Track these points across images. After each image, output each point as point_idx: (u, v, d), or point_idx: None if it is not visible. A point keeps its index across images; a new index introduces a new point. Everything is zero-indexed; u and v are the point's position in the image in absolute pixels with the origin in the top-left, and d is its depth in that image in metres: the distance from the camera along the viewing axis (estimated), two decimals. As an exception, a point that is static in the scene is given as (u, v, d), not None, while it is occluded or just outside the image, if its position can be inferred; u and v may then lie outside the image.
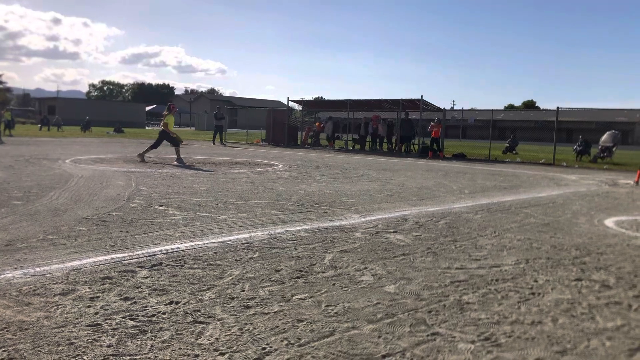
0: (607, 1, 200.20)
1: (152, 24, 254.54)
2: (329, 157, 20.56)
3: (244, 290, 3.73)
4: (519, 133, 40.70)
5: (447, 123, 30.74)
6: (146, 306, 3.36)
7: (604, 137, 24.76)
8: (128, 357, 2.65)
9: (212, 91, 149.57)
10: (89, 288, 3.64)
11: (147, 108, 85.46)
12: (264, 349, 2.80)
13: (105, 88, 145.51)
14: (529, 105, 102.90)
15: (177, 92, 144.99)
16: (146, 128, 66.90)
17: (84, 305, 3.32)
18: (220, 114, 29.12)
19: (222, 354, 2.72)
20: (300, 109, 38.30)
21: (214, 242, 5.14)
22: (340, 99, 31.48)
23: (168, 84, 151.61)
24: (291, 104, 34.85)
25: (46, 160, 13.84)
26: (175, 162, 14.37)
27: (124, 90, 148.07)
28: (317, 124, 32.25)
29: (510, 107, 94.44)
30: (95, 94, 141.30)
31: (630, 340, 3.11)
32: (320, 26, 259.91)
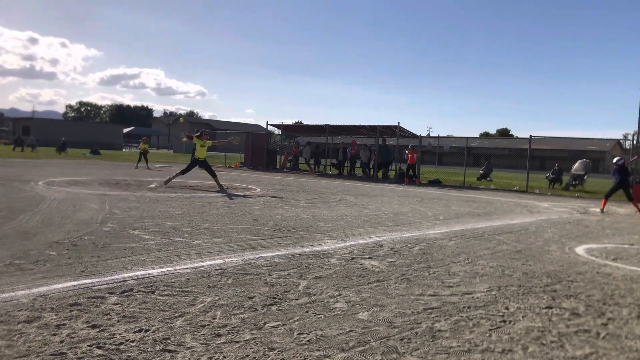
0: (577, 35, 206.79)
1: (132, 45, 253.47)
2: (307, 182, 20.57)
3: (215, 318, 3.68)
4: (493, 160, 41.37)
5: (424, 149, 31.07)
6: (114, 334, 3.28)
7: (576, 165, 25.29)
8: (93, 388, 2.57)
9: (191, 114, 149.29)
10: (55, 315, 3.55)
11: (125, 130, 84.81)
12: (233, 378, 2.75)
13: (82, 109, 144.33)
14: (504, 133, 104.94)
15: (155, 115, 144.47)
16: (123, 150, 66.19)
17: (49, 333, 3.22)
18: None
19: (190, 384, 2.66)
20: (280, 133, 38.40)
21: (187, 268, 5.07)
22: (319, 124, 31.66)
23: (147, 106, 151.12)
24: (270, 127, 34.98)
25: (18, 182, 13.58)
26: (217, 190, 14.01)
27: (101, 111, 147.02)
28: (294, 147, 32.34)
29: (485, 135, 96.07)
30: (72, 115, 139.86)
31: (599, 368, 3.13)
32: (301, 52, 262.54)
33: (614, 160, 14.62)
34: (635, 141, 20.36)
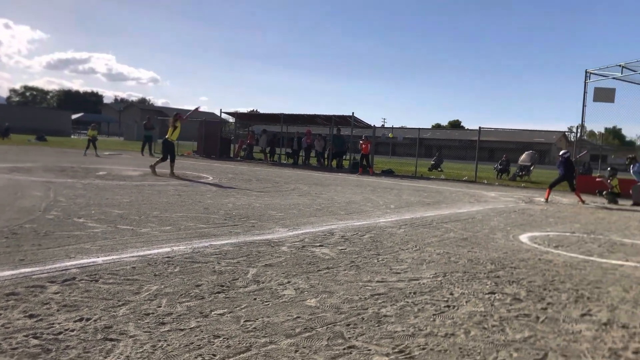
0: (524, 31, 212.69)
1: (82, 29, 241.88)
2: (261, 171, 20.45)
3: (160, 306, 3.61)
4: (444, 151, 42.21)
5: (378, 140, 31.37)
6: (53, 323, 3.17)
7: (523, 156, 26.09)
8: (27, 379, 2.48)
9: (143, 100, 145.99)
10: (-10, 305, 3.40)
11: (74, 116, 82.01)
12: (176, 366, 2.71)
13: (27, 94, 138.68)
14: (455, 125, 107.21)
15: (106, 101, 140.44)
16: (72, 137, 64.07)
17: (-17, 324, 3.09)
18: (150, 124, 28.41)
19: (132, 373, 2.61)
20: (234, 121, 37.99)
21: (133, 257, 4.95)
22: (273, 113, 31.41)
23: (97, 92, 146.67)
24: (224, 116, 34.56)
25: (-43, 168, 12.95)
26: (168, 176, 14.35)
27: (48, 96, 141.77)
28: (249, 136, 32.07)
29: (437, 126, 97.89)
30: (17, 99, 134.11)
31: (536, 351, 3.24)
32: (257, 41, 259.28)
33: (560, 153, 15.13)
34: (579, 134, 21.12)
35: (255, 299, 3.92)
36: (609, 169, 16.71)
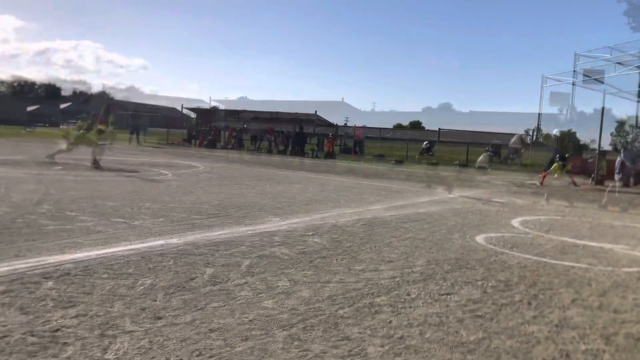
0: (504, 23, 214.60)
1: (70, 18, 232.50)
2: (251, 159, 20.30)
3: (155, 300, 3.63)
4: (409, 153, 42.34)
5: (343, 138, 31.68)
6: (50, 320, 3.18)
7: (481, 157, 26.21)
8: (27, 377, 2.50)
9: (131, 88, 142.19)
10: (-16, 304, 3.38)
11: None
12: (173, 361, 2.76)
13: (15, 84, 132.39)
14: (416, 125, 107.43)
15: (64, 93, 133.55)
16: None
17: (-22, 323, 3.08)
18: (136, 114, 28.06)
19: (129, 368, 2.66)
20: (195, 117, 38.49)
21: (126, 250, 4.95)
22: (236, 110, 31.65)
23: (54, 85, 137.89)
24: (214, 103, 34.98)
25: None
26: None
27: (36, 86, 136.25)
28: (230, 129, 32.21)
29: (399, 127, 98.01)
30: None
31: (489, 352, 3.28)
32: (245, 27, 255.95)
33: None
34: (534, 137, 21.48)
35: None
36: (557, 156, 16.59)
